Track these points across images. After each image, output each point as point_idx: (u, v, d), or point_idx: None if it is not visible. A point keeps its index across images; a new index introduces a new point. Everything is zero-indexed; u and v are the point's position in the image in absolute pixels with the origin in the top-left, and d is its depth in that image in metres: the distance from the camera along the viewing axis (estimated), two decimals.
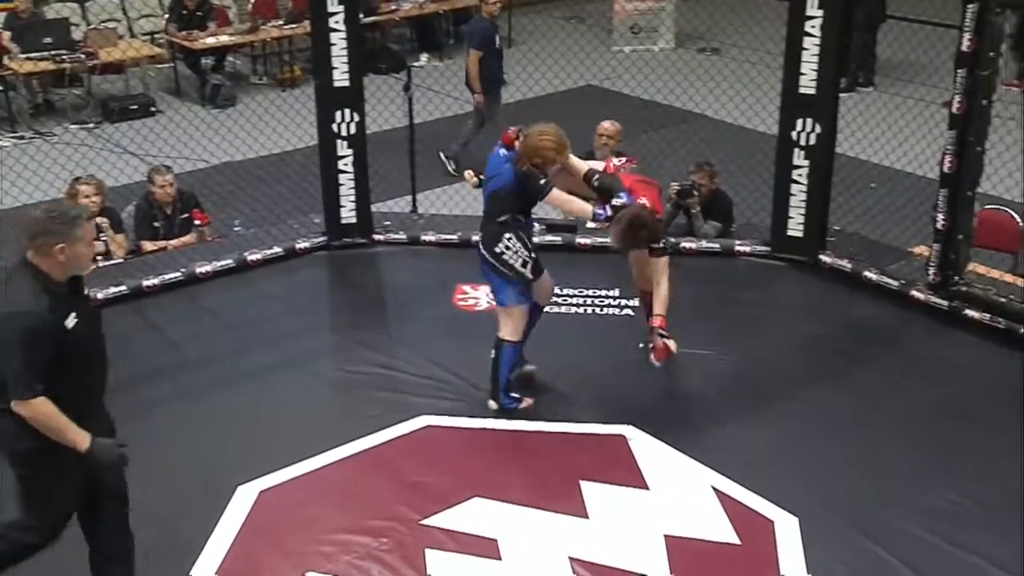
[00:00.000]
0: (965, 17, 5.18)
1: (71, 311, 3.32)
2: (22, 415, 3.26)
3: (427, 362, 5.33)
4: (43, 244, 3.30)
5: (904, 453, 4.60)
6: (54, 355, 3.26)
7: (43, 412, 3.27)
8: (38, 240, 3.30)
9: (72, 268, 3.37)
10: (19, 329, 3.22)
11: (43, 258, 3.31)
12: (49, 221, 3.31)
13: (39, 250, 3.31)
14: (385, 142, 7.66)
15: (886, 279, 5.86)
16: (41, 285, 3.30)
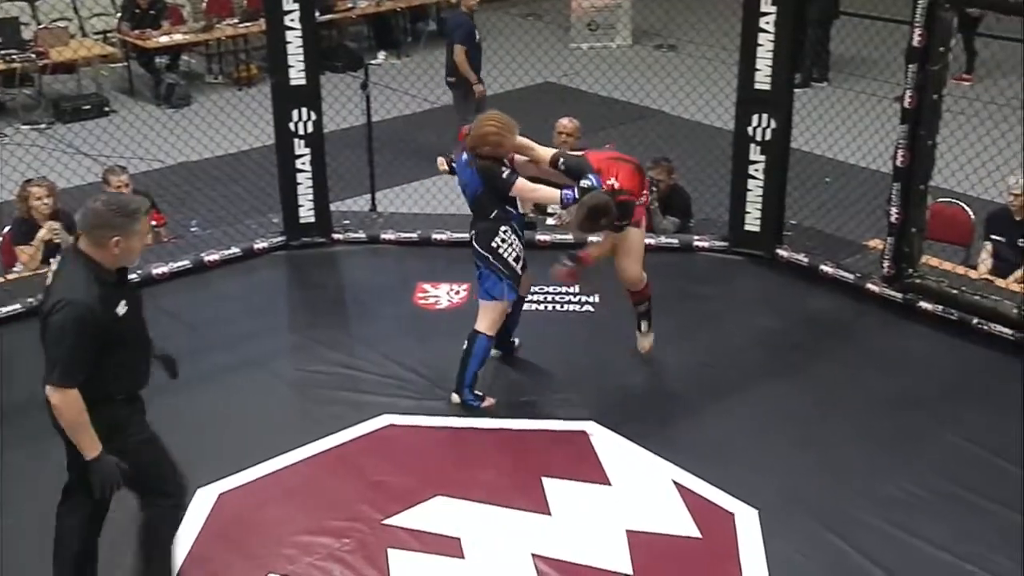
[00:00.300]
0: (915, 13, 5.24)
1: (121, 299, 3.36)
2: (52, 401, 3.28)
3: (388, 361, 5.30)
4: (100, 236, 3.32)
5: (861, 444, 4.65)
6: (101, 345, 3.29)
7: (74, 404, 3.28)
8: (95, 232, 3.32)
9: (124, 260, 3.40)
10: (70, 318, 3.23)
11: (97, 249, 3.33)
12: (109, 213, 3.33)
13: (95, 241, 3.33)
14: (343, 140, 7.61)
15: (842, 272, 5.92)
16: (93, 275, 3.32)
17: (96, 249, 3.33)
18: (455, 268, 6.23)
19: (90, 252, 3.33)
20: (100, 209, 3.34)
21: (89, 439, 3.33)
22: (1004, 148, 5.72)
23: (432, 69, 8.33)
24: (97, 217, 3.33)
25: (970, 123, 6.45)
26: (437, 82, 8.10)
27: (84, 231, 3.35)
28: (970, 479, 4.40)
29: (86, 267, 3.32)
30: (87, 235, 3.34)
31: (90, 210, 3.35)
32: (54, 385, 3.27)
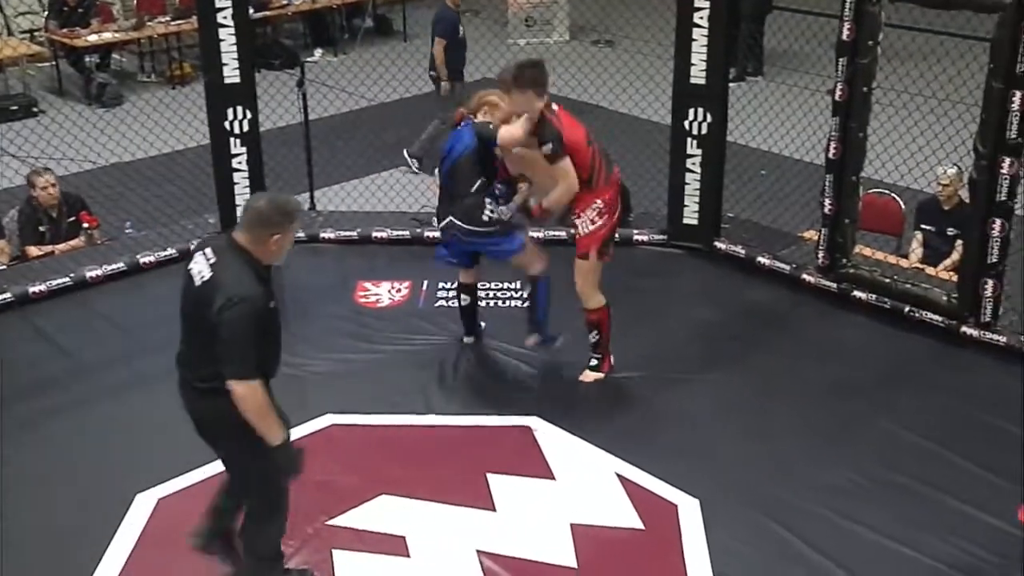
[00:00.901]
0: (844, 7, 5.33)
1: (271, 295, 3.46)
2: (237, 395, 3.32)
3: (329, 360, 5.26)
4: (262, 232, 3.39)
5: (801, 433, 4.72)
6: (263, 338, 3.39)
7: (259, 395, 3.35)
8: (257, 229, 3.39)
9: (275, 258, 3.47)
10: (249, 312, 3.31)
11: (257, 245, 3.40)
12: (273, 212, 3.40)
13: (257, 237, 3.40)
14: (280, 139, 7.52)
15: (778, 264, 6.00)
16: (253, 270, 3.40)
17: (256, 245, 3.40)
18: (396, 266, 6.21)
19: (250, 248, 3.41)
20: (263, 207, 3.41)
21: (275, 426, 3.41)
22: (931, 139, 5.83)
23: (368, 66, 8.25)
24: (260, 215, 3.40)
25: (899, 115, 6.57)
26: (374, 79, 8.04)
27: (245, 228, 3.42)
28: (905, 465, 4.48)
29: (247, 263, 3.40)
30: (248, 231, 3.41)
31: (253, 208, 3.42)
32: (238, 379, 3.32)
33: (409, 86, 8.21)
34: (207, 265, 3.41)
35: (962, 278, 5.34)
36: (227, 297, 3.30)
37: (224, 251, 3.42)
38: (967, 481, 4.37)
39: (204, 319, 3.34)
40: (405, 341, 5.46)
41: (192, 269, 3.46)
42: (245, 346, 3.31)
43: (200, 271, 3.42)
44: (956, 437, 4.62)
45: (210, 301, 3.32)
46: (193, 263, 3.47)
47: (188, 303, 3.47)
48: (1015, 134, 4.92)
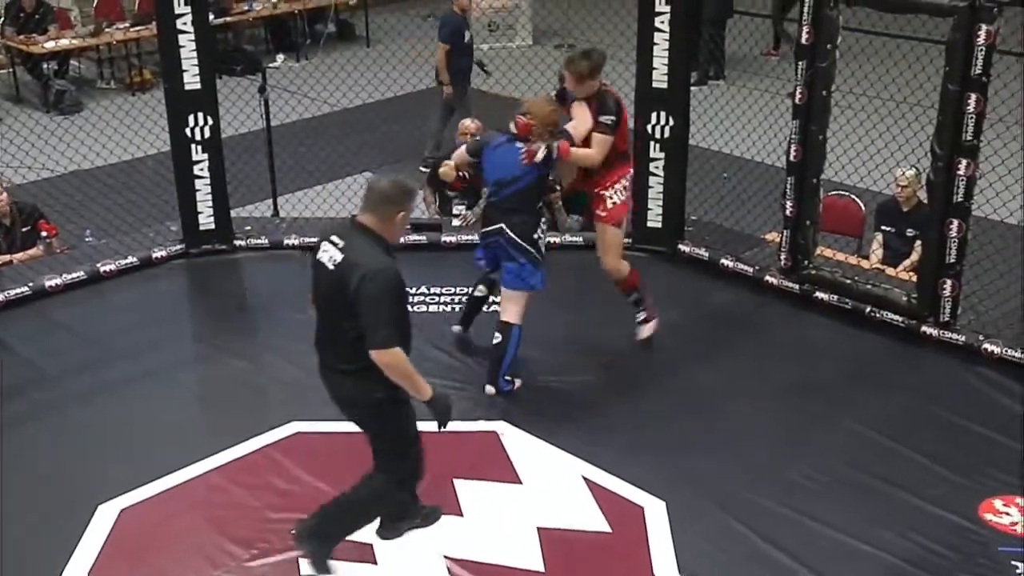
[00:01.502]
0: (803, 11, 5.39)
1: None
2: (382, 362, 3.50)
3: (294, 367, 5.22)
4: (388, 211, 3.57)
5: (764, 433, 4.77)
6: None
7: (401, 360, 3.53)
8: (383, 207, 3.57)
9: (397, 235, 3.66)
10: (387, 284, 3.48)
11: (383, 223, 3.58)
12: (396, 191, 3.59)
13: (383, 216, 3.57)
14: (243, 145, 7.48)
15: (741, 266, 6.06)
16: (382, 247, 3.56)
17: (382, 224, 3.57)
18: None
19: (375, 227, 3.57)
20: (387, 188, 3.59)
21: (422, 383, 3.61)
22: (889, 141, 5.91)
23: (331, 72, 8.23)
24: (384, 194, 3.58)
25: (857, 117, 6.65)
26: (336, 84, 8.02)
27: (369, 209, 3.57)
28: (867, 462, 4.54)
29: (376, 240, 3.56)
30: (373, 212, 3.57)
31: (376, 189, 3.60)
32: (382, 348, 3.48)
33: (372, 92, 8.19)
34: (336, 249, 3.56)
35: (921, 278, 5.42)
36: (363, 272, 3.46)
37: (350, 233, 3.58)
38: (928, 478, 4.43)
39: (343, 300, 3.49)
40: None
41: (321, 258, 3.60)
42: (386, 315, 3.47)
43: (331, 256, 3.56)
44: (916, 435, 4.69)
45: (347, 280, 3.48)
46: (320, 253, 3.61)
47: (324, 290, 3.61)
48: (971, 136, 5.00)
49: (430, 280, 6.07)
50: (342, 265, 3.53)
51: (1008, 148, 5.62)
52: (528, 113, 4.83)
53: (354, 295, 3.46)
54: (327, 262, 3.57)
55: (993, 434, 4.68)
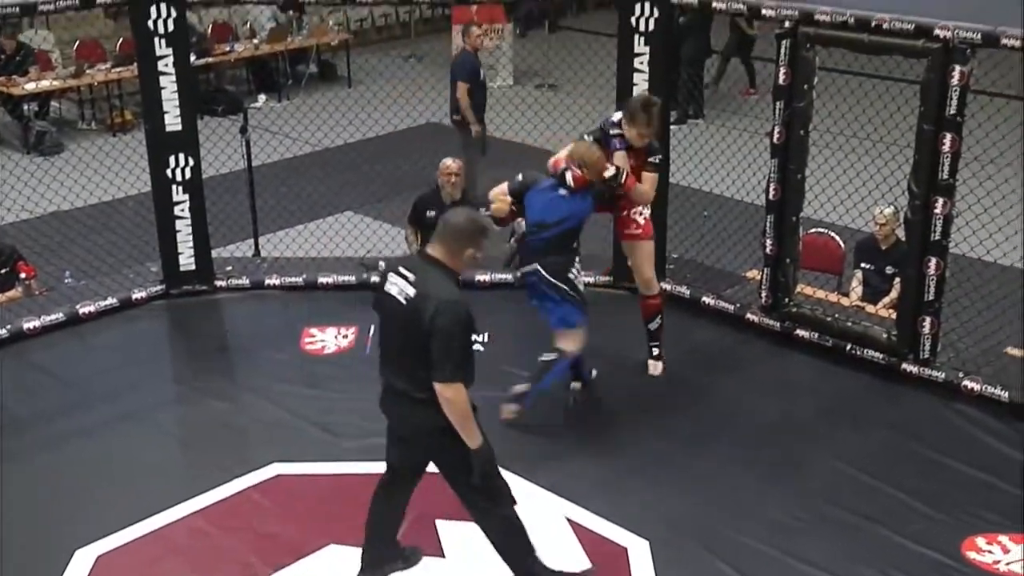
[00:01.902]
0: (780, 52, 5.48)
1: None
2: (445, 396, 3.54)
3: (276, 408, 5.22)
4: (460, 246, 3.63)
5: (747, 471, 4.78)
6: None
7: (463, 397, 3.57)
8: (456, 242, 3.63)
9: (467, 269, 3.73)
10: (458, 318, 3.53)
11: (453, 258, 3.64)
12: (470, 227, 3.66)
13: (455, 251, 3.63)
14: (224, 185, 7.50)
15: (722, 303, 6.09)
16: (453, 280, 3.63)
17: (452, 258, 3.63)
18: (342, 312, 6.19)
19: (446, 261, 3.63)
20: (461, 223, 3.65)
21: (475, 428, 3.62)
22: (867, 180, 5.98)
23: (312, 112, 8.28)
24: (458, 230, 3.64)
25: (835, 156, 6.74)
26: (318, 124, 8.06)
27: (442, 243, 3.64)
28: (849, 500, 4.55)
29: (447, 274, 3.62)
30: (445, 246, 3.63)
31: (451, 224, 3.65)
32: (448, 382, 3.53)
33: (353, 132, 8.24)
34: (408, 283, 3.62)
35: (901, 316, 5.46)
36: (436, 305, 3.52)
37: (421, 267, 3.65)
38: (910, 516, 4.44)
39: (419, 332, 3.54)
40: (351, 387, 5.44)
41: (390, 290, 3.65)
42: (456, 350, 3.54)
43: (402, 290, 3.62)
44: (898, 472, 4.71)
45: (422, 313, 3.53)
46: (389, 286, 3.66)
47: (395, 324, 3.65)
48: (947, 175, 5.07)
49: None
50: (416, 298, 3.58)
51: (984, 187, 5.69)
52: (583, 166, 4.91)
53: (429, 327, 3.52)
54: (398, 295, 3.63)
55: (974, 471, 4.70)
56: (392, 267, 3.71)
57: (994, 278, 5.85)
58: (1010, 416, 5.04)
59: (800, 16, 5.38)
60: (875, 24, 5.13)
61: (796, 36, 5.39)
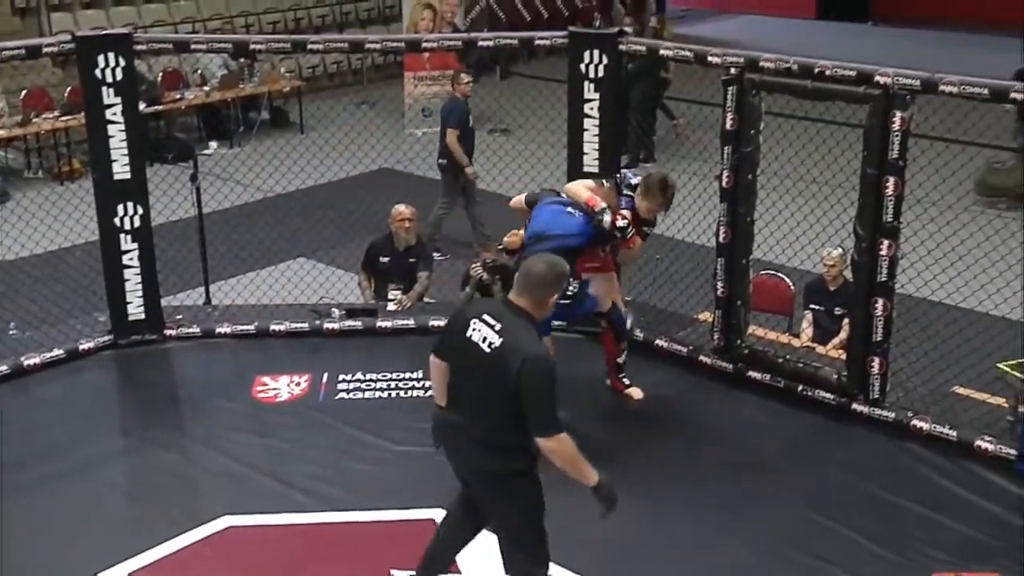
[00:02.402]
0: (726, 98, 5.58)
1: None
2: (551, 449, 3.56)
3: (226, 459, 5.15)
4: (544, 295, 3.68)
5: (702, 514, 4.78)
6: None
7: (570, 446, 3.59)
8: (540, 291, 3.66)
9: (545, 315, 3.79)
10: (549, 372, 3.57)
11: (539, 307, 3.68)
12: (553, 275, 3.69)
13: (539, 300, 3.67)
14: (174, 233, 7.44)
15: (676, 346, 6.13)
16: (536, 330, 3.65)
17: (535, 307, 3.66)
18: (294, 359, 6.15)
19: (530, 309, 3.66)
20: (544, 271, 3.68)
21: (589, 468, 3.63)
22: (814, 223, 6.08)
23: (264, 159, 8.26)
24: (543, 279, 3.66)
25: (783, 200, 6.84)
26: (270, 171, 8.04)
27: (526, 292, 3.66)
28: (804, 542, 4.57)
29: (530, 323, 3.65)
30: (530, 295, 3.66)
31: (535, 273, 3.68)
32: (551, 435, 3.55)
33: (305, 178, 8.23)
34: (493, 332, 3.61)
35: (850, 356, 5.54)
36: (524, 359, 3.53)
37: (505, 315, 3.65)
38: (864, 557, 4.47)
39: (504, 382, 3.55)
40: (305, 436, 5.39)
41: (473, 337, 3.65)
42: (550, 402, 3.55)
43: (485, 337, 3.62)
44: (851, 513, 4.74)
45: (508, 364, 3.54)
46: (472, 331, 3.66)
47: (477, 371, 3.65)
48: (891, 217, 5.17)
49: (365, 367, 6.04)
50: (502, 348, 3.59)
51: (927, 229, 5.81)
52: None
53: (516, 380, 3.53)
54: (481, 343, 3.63)
55: (926, 511, 4.75)
56: (471, 311, 3.75)
57: (939, 318, 5.94)
58: (958, 455, 5.11)
59: (745, 63, 5.50)
60: (818, 71, 5.25)
61: (742, 82, 5.50)
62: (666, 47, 6.07)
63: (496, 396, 3.59)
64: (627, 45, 6.04)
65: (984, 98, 4.89)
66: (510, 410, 3.57)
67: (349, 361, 6.10)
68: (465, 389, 3.74)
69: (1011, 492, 4.85)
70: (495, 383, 3.58)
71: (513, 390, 3.53)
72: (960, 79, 4.90)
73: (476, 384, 3.68)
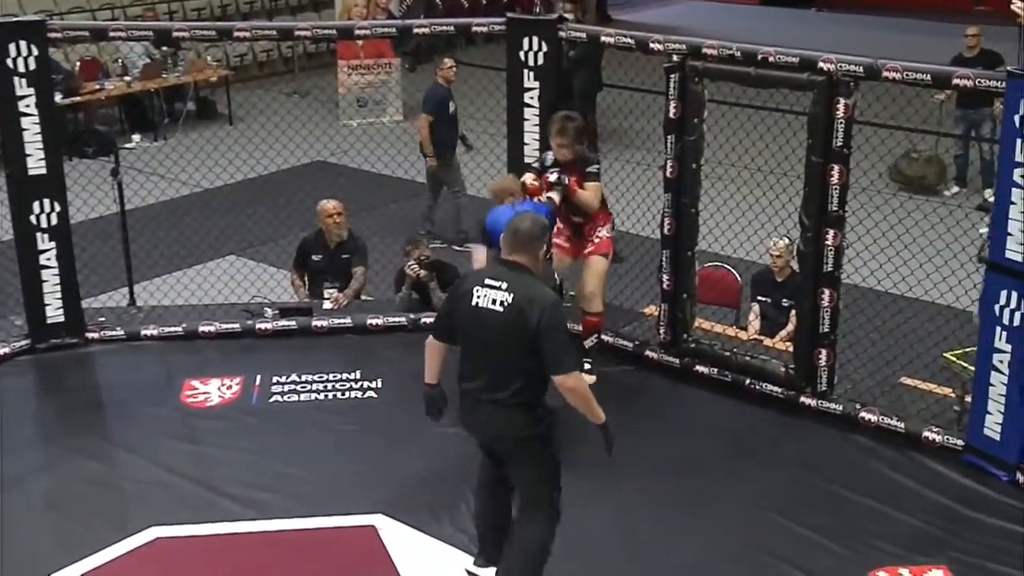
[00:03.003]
0: (669, 86, 5.60)
1: None
2: (568, 387, 3.86)
3: (154, 467, 5.07)
4: (536, 247, 3.97)
5: (650, 512, 4.81)
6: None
7: (583, 383, 3.94)
8: (532, 245, 3.97)
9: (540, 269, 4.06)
10: (562, 315, 3.94)
11: (534, 260, 3.97)
12: (538, 228, 4.00)
13: (534, 253, 3.97)
14: (96, 231, 7.30)
15: (622, 341, 6.15)
16: (539, 280, 3.96)
17: (532, 260, 3.96)
18: (226, 361, 6.07)
19: (530, 264, 3.95)
20: (530, 227, 3.98)
21: (598, 408, 3.96)
22: (760, 212, 6.14)
23: (190, 152, 8.13)
24: (531, 234, 3.96)
25: (727, 189, 6.92)
26: (197, 164, 7.92)
27: (519, 249, 3.95)
28: (755, 537, 4.62)
29: (535, 276, 3.95)
30: (525, 251, 3.95)
31: (522, 231, 3.97)
32: (568, 372, 3.85)
33: (234, 172, 8.12)
34: (500, 291, 3.88)
35: (797, 349, 5.60)
36: (541, 308, 3.83)
37: (505, 275, 3.94)
38: (814, 552, 4.53)
39: (522, 337, 3.83)
40: (237, 441, 5.32)
41: (480, 303, 3.90)
42: (567, 343, 3.91)
43: (495, 299, 3.88)
44: (801, 508, 4.80)
45: (526, 317, 3.82)
46: (477, 299, 3.91)
47: (492, 331, 3.88)
48: (836, 206, 5.24)
49: (300, 368, 5.97)
50: (515, 304, 3.85)
51: (872, 218, 5.90)
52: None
53: (536, 329, 3.80)
54: (492, 305, 3.88)
55: (875, 504, 4.83)
56: (471, 279, 4.03)
57: (885, 308, 6.04)
58: (906, 446, 5.20)
59: (688, 50, 5.53)
60: (761, 57, 5.30)
61: (684, 70, 5.54)
62: (607, 34, 6.08)
63: (517, 352, 3.85)
64: (567, 32, 6.05)
65: (927, 84, 4.98)
66: (531, 363, 3.85)
67: (283, 362, 6.04)
68: (483, 357, 3.95)
69: (958, 483, 4.95)
70: (515, 339, 3.84)
71: (532, 339, 3.81)
72: (903, 65, 4.98)
73: (495, 348, 3.90)
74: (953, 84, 4.95)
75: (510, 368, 3.88)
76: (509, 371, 3.88)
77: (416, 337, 5.14)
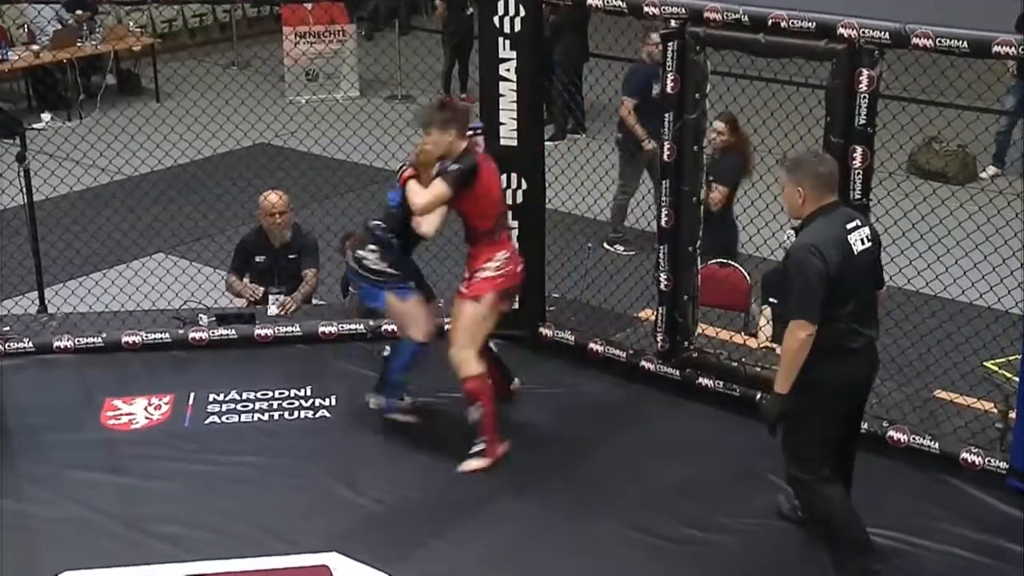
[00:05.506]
0: (666, 57, 5.62)
1: None
2: (797, 335, 4.33)
3: (68, 501, 5.07)
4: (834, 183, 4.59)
5: (643, 546, 4.83)
6: None
7: (808, 340, 4.35)
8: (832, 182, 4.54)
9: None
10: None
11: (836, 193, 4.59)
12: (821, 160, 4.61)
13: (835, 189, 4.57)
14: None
15: (613, 350, 6.17)
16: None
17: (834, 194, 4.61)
18: (154, 377, 6.07)
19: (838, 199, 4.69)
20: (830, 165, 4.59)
21: (791, 376, 4.39)
22: (771, 201, 6.16)
23: (111, 133, 8.09)
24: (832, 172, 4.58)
25: None
26: (117, 149, 7.88)
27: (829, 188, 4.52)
28: None
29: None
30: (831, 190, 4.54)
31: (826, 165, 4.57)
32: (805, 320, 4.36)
33: (163, 157, 8.10)
34: (864, 228, 4.51)
35: None
36: (878, 236, 4.60)
37: (850, 213, 4.58)
38: None
39: (875, 273, 4.58)
40: (167, 470, 5.31)
41: (855, 245, 4.44)
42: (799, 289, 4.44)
43: (860, 237, 4.47)
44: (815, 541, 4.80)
45: (878, 249, 4.59)
46: (854, 240, 4.44)
47: (869, 270, 4.51)
48: (859, 194, 5.25)
49: (241, 384, 5.97)
50: (874, 238, 4.55)
51: (900, 207, 5.94)
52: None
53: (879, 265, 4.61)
54: (864, 241, 4.47)
55: (903, 536, 4.86)
56: (839, 221, 4.46)
57: (916, 310, 6.07)
58: (941, 469, 5.23)
59: (688, 14, 5.54)
60: (772, 22, 5.33)
61: (684, 37, 5.56)
62: None
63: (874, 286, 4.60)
64: None
65: (963, 52, 4.99)
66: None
67: (221, 378, 6.04)
68: (866, 300, 4.51)
69: (1000, 511, 4.99)
70: (874, 273, 4.59)
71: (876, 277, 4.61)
72: (935, 31, 4.99)
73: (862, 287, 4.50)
74: (993, 52, 4.96)
75: (874, 303, 4.59)
76: (874, 306, 4.60)
77: (375, 347, 5.14)
